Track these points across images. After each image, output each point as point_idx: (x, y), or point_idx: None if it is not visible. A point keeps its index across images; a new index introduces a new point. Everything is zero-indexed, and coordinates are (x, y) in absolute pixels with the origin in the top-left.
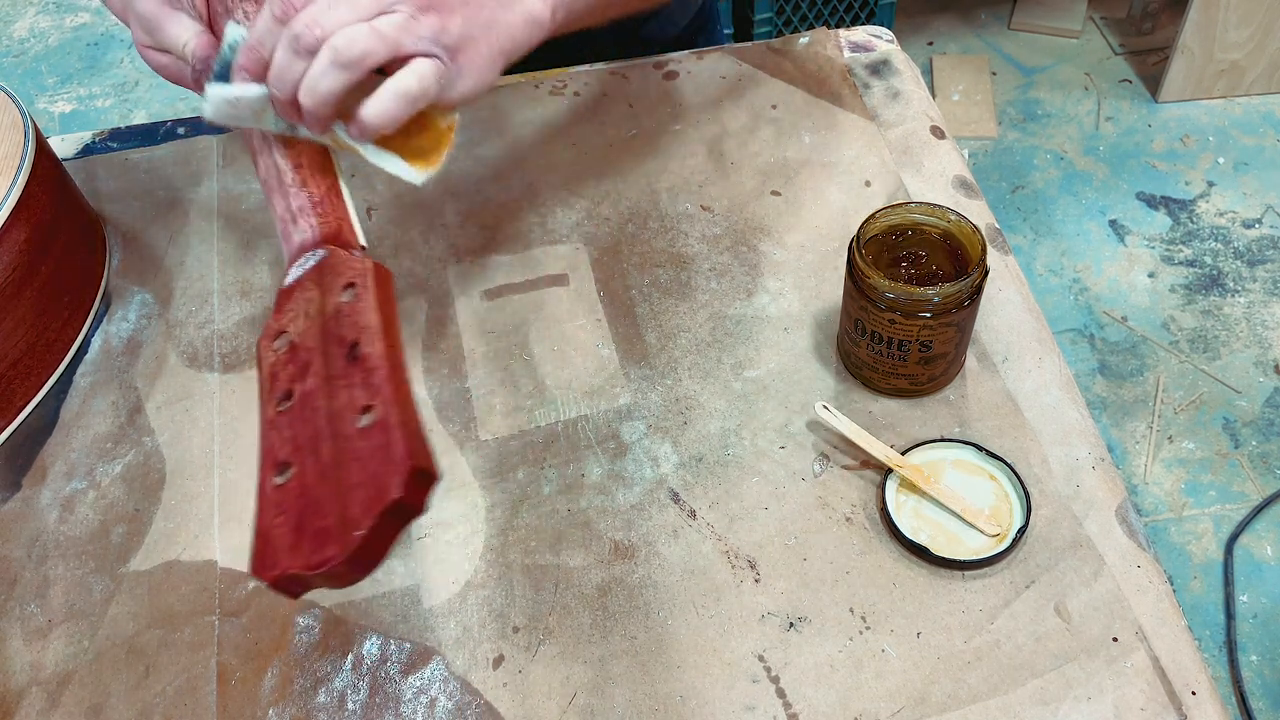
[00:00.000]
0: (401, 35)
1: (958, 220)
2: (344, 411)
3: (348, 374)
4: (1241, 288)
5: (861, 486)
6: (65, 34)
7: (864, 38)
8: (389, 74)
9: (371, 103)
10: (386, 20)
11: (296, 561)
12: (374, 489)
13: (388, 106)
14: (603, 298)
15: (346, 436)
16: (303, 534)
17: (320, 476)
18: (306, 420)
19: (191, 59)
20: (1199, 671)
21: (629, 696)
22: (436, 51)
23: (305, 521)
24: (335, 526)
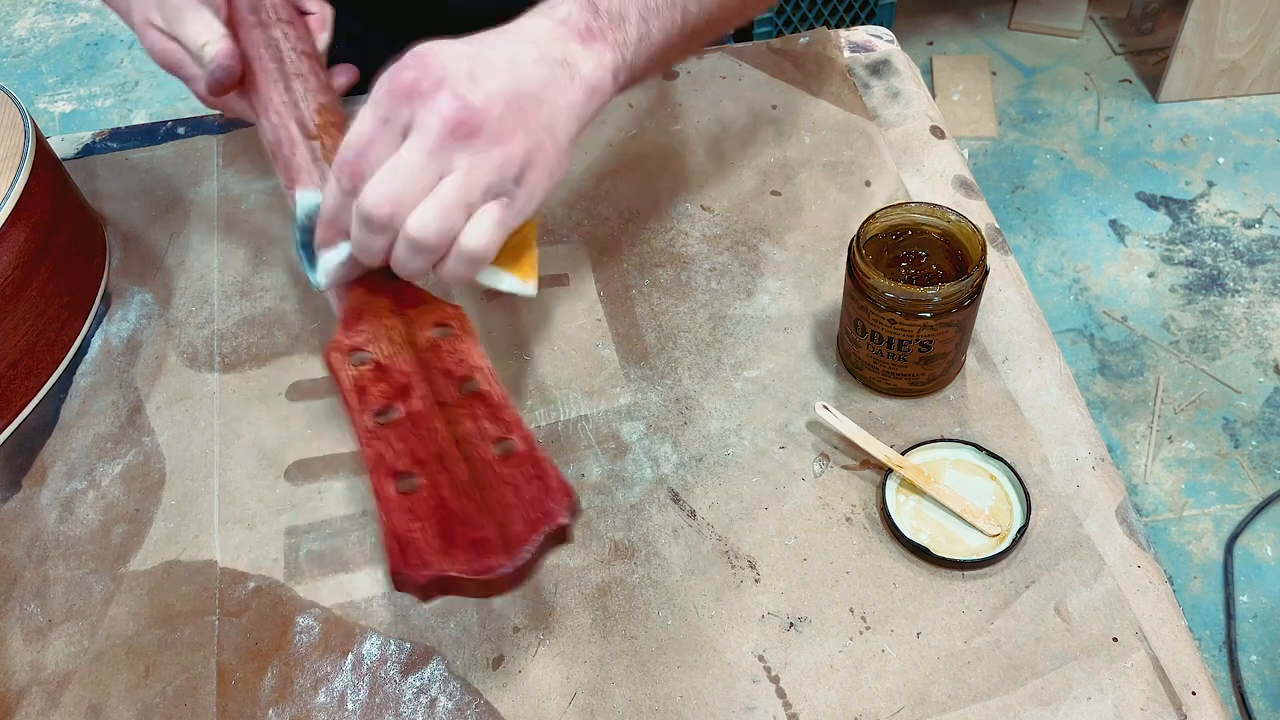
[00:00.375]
0: (469, 195)
1: (958, 220)
2: (474, 438)
3: (468, 405)
4: (1241, 288)
5: (861, 486)
6: (65, 34)
7: (864, 38)
8: None
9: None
10: (450, 185)
11: (456, 566)
12: (538, 512)
13: (461, 271)
14: (603, 298)
15: (485, 461)
16: (453, 543)
17: (458, 492)
18: (424, 438)
19: (209, 64)
20: (1199, 671)
21: (629, 696)
22: (505, 189)
23: (454, 531)
24: (497, 540)
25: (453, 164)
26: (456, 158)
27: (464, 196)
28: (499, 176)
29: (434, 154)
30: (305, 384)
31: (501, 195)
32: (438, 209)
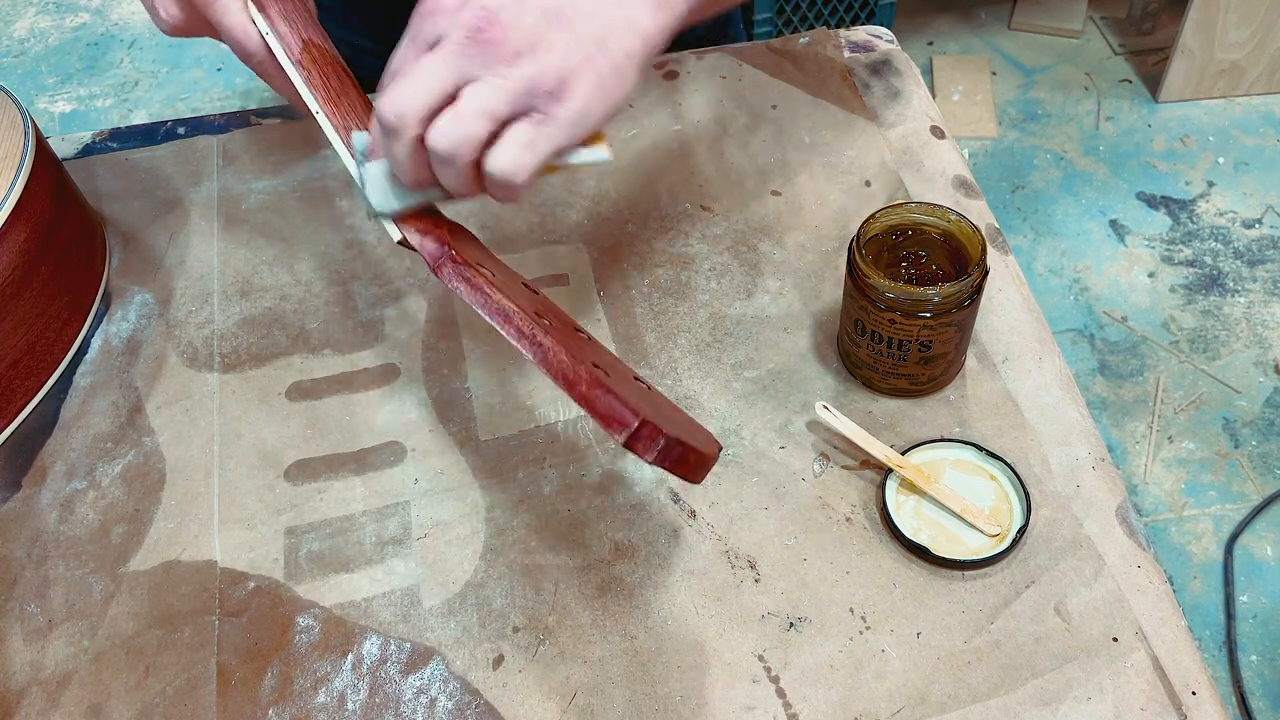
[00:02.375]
0: (489, 105)
1: (958, 220)
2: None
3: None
4: (1241, 288)
5: (861, 486)
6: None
7: (864, 38)
8: None
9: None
10: (467, 93)
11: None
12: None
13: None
14: (603, 298)
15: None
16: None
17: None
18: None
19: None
20: (1199, 671)
21: (629, 696)
22: (533, 105)
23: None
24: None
25: (473, 72)
26: (478, 67)
27: (484, 105)
28: (528, 89)
29: (452, 62)
30: (305, 384)
31: (534, 112)
32: (452, 116)
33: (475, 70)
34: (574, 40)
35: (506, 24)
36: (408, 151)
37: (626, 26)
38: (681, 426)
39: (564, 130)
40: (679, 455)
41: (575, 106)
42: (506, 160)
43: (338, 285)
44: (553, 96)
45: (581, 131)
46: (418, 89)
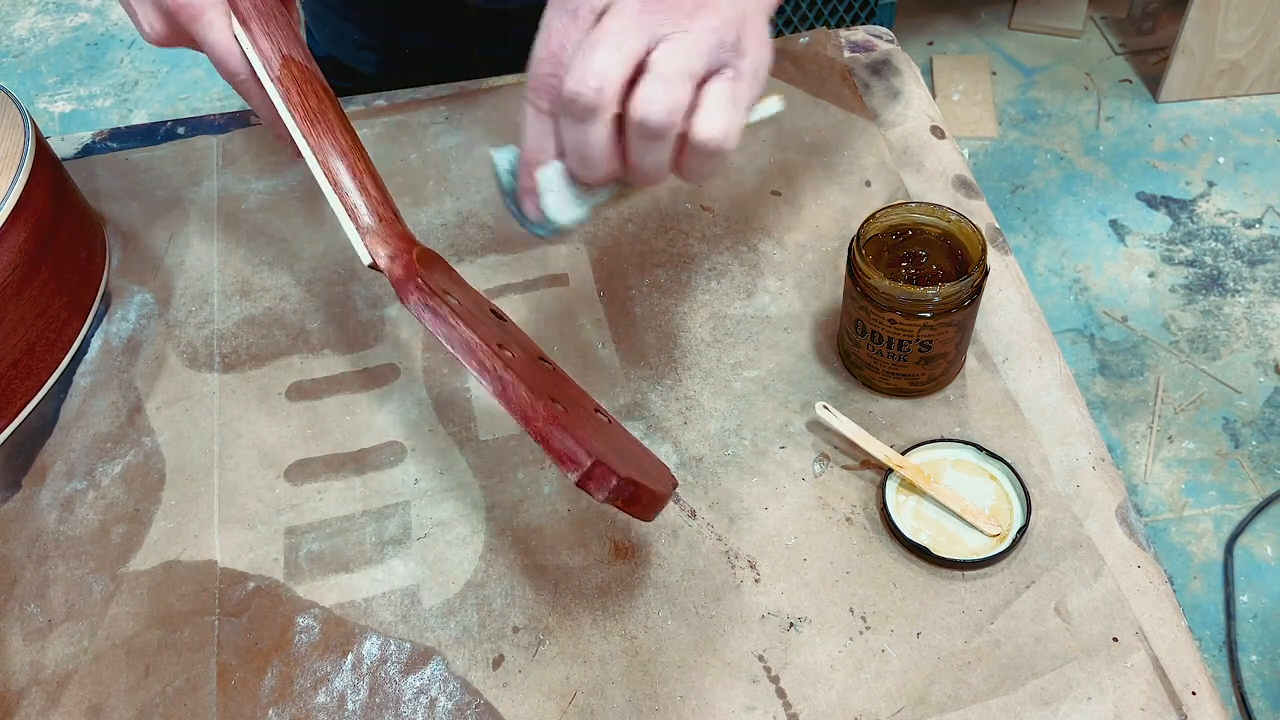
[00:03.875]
0: (691, 63)
1: (958, 220)
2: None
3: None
4: (1242, 288)
5: (861, 486)
6: (65, 34)
7: (864, 38)
8: None
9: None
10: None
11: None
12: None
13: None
14: (603, 298)
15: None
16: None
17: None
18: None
19: None
20: (1199, 671)
21: (629, 696)
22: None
23: (623, 455)
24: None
25: (661, 32)
26: (664, 24)
27: (685, 64)
28: (718, 42)
29: (638, 23)
30: (305, 384)
31: (726, 68)
32: (659, 82)
33: (663, 29)
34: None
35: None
36: (606, 134)
37: None
38: (637, 464)
39: (755, 83)
40: (630, 494)
41: (753, 57)
42: (719, 123)
43: (338, 285)
44: (737, 50)
45: (762, 83)
46: (610, 58)
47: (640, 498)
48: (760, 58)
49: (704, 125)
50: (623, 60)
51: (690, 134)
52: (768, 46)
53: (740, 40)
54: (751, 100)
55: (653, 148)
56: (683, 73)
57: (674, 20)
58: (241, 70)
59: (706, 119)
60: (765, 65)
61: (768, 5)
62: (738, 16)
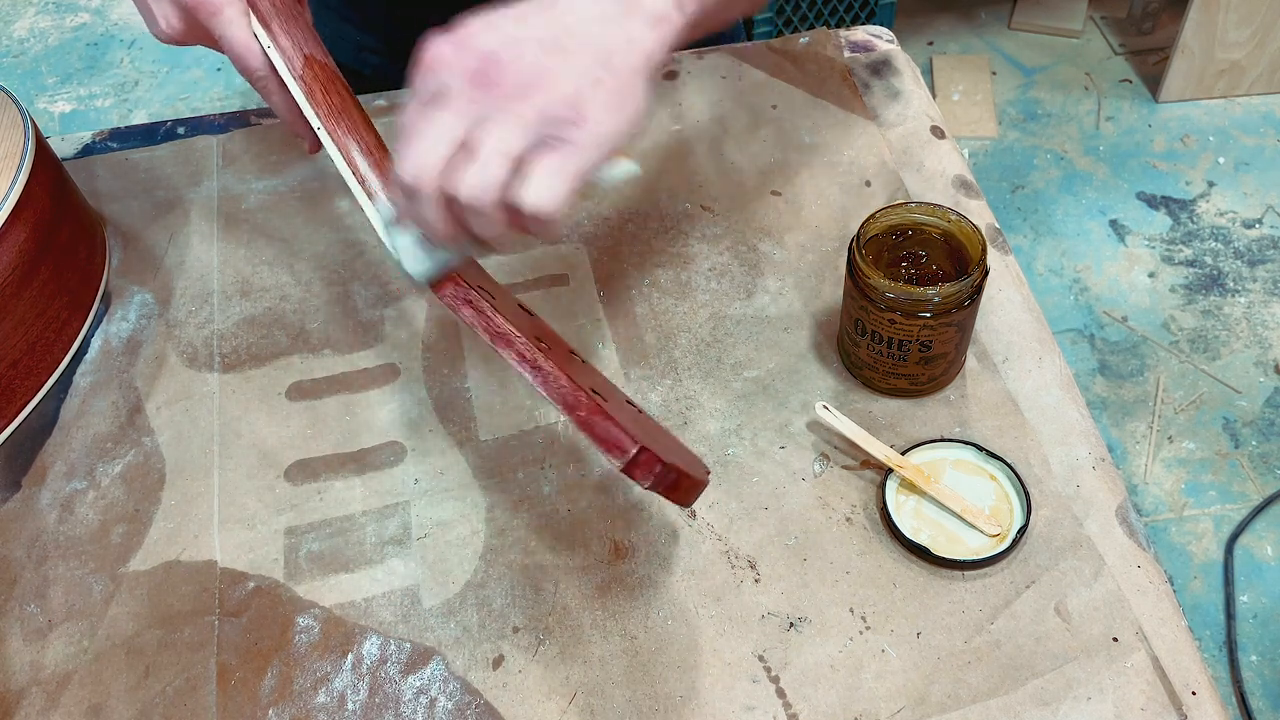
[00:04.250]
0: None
1: (958, 220)
2: (611, 391)
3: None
4: (1242, 288)
5: (861, 486)
6: (65, 34)
7: (864, 38)
8: None
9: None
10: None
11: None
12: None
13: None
14: (603, 298)
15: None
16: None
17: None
18: (580, 374)
19: None
20: (1199, 671)
21: (629, 696)
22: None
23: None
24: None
25: (483, 114)
26: (488, 110)
27: (500, 145)
28: (542, 120)
29: (461, 110)
30: (305, 384)
31: (554, 141)
32: (476, 164)
33: (486, 114)
34: (577, 66)
35: (507, 62)
36: (434, 209)
37: (628, 45)
38: (675, 452)
39: (587, 153)
40: (673, 481)
41: (593, 128)
42: (537, 193)
43: (338, 285)
44: (569, 122)
45: (604, 152)
46: (430, 144)
47: (681, 484)
48: (607, 125)
49: (526, 195)
50: (439, 147)
51: (519, 202)
52: (623, 111)
53: (577, 112)
54: (586, 166)
55: (477, 219)
56: (498, 151)
57: (499, 104)
58: (261, 67)
59: (528, 189)
60: (615, 131)
61: (645, 58)
62: (579, 90)
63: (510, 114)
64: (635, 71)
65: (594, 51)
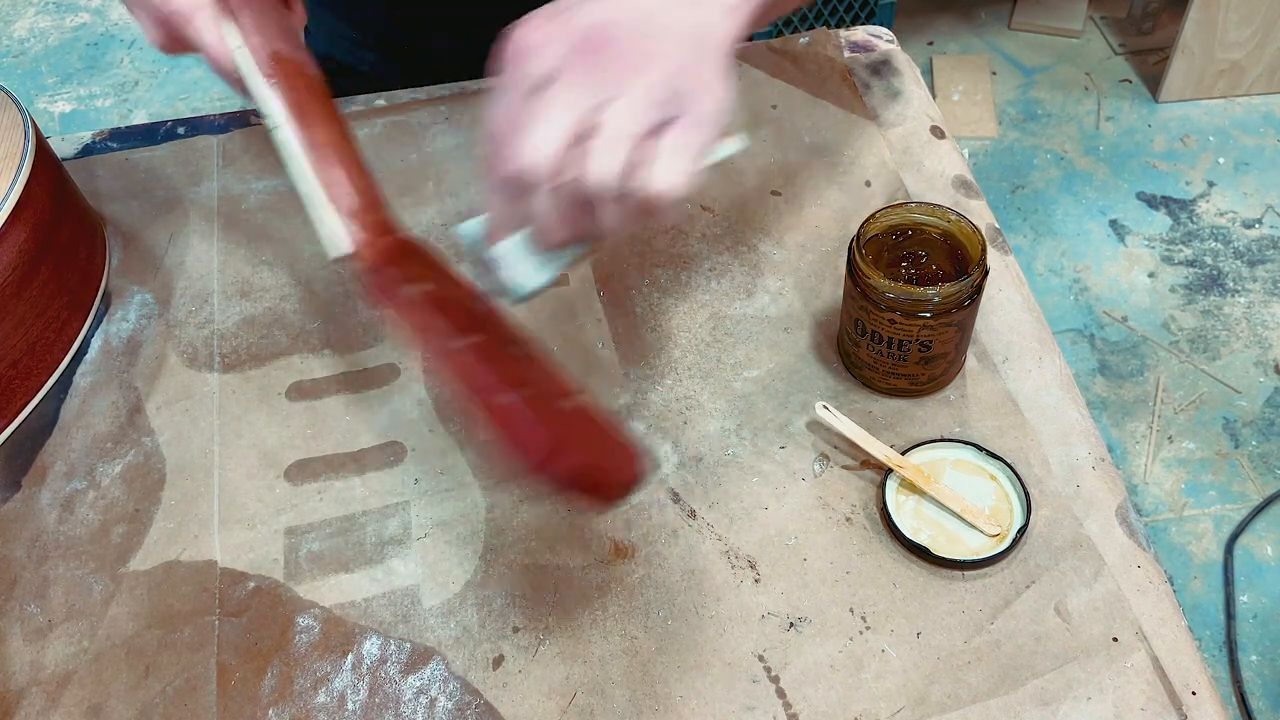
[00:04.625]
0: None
1: (958, 220)
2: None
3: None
4: (1242, 288)
5: (861, 486)
6: (65, 34)
7: (864, 38)
8: None
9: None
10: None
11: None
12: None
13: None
14: (603, 298)
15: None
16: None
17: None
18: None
19: None
20: (1199, 671)
21: (629, 696)
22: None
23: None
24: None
25: (603, 94)
26: (605, 87)
27: (629, 126)
28: (666, 94)
29: (574, 87)
30: (305, 384)
31: (680, 117)
32: (606, 146)
33: (605, 92)
34: (680, 42)
35: (611, 40)
36: (556, 204)
37: (712, 28)
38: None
39: (710, 126)
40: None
41: (712, 100)
42: (671, 174)
43: (338, 285)
44: (690, 95)
45: (720, 126)
46: (551, 131)
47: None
48: (718, 98)
49: (658, 178)
50: (559, 132)
51: (644, 188)
52: (727, 84)
53: (689, 86)
54: (709, 142)
55: (612, 207)
56: (627, 134)
57: (615, 80)
58: (235, 70)
59: (661, 172)
60: (725, 104)
61: (726, 42)
62: (689, 62)
63: (631, 91)
64: (725, 52)
65: (684, 32)
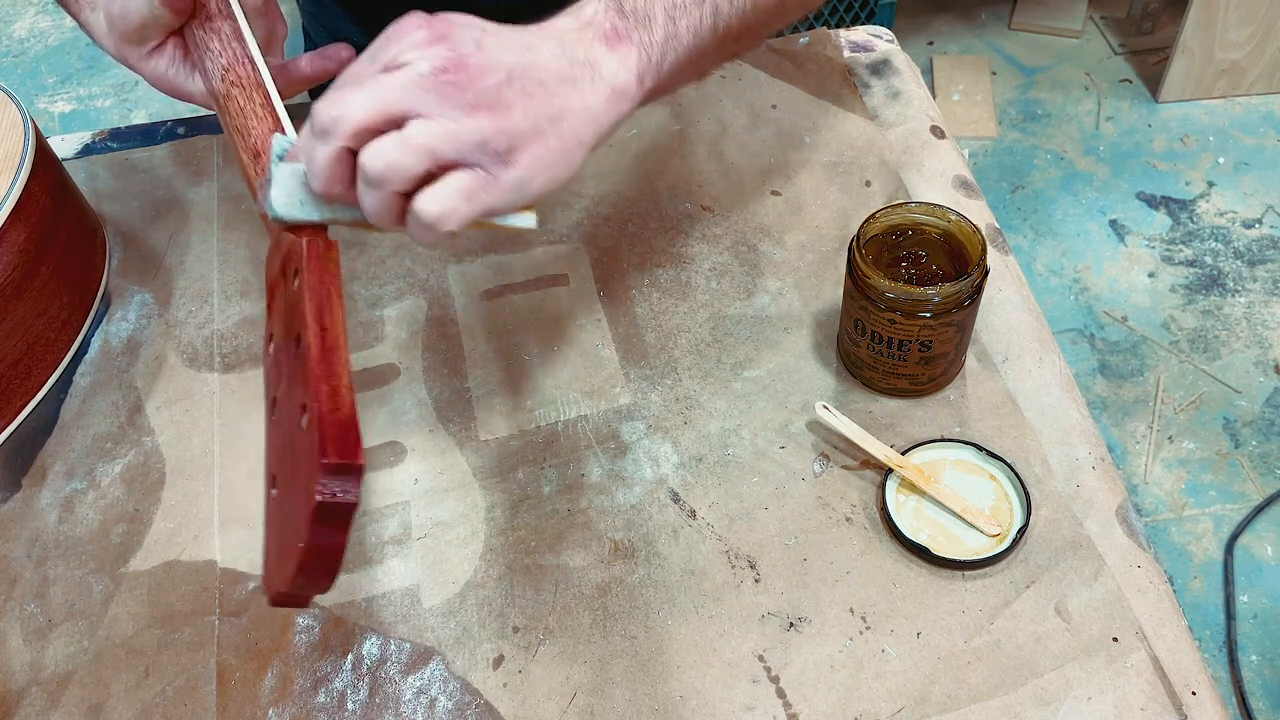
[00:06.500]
0: (435, 142)
1: (958, 220)
2: (295, 414)
3: (296, 373)
4: (1241, 288)
5: (861, 486)
6: (65, 34)
7: (864, 38)
8: None
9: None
10: (417, 125)
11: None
12: (306, 496)
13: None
14: (603, 298)
15: (298, 440)
16: (282, 550)
17: (288, 486)
18: (280, 428)
19: None
20: (1199, 671)
21: (629, 696)
22: (479, 160)
23: (283, 536)
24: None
25: (429, 109)
26: (434, 105)
27: (429, 142)
28: (478, 143)
29: (410, 89)
30: None
31: (477, 168)
32: (394, 141)
33: (431, 107)
34: (532, 111)
35: (474, 73)
36: (331, 157)
37: (583, 112)
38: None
39: (503, 194)
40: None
41: (518, 174)
42: (440, 205)
43: None
44: (500, 158)
45: (518, 200)
46: (366, 100)
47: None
48: (534, 178)
49: (427, 201)
50: (375, 108)
51: (412, 201)
52: (553, 172)
53: (511, 152)
54: (496, 206)
55: (369, 192)
56: (424, 148)
57: (447, 105)
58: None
59: (432, 198)
60: (537, 188)
61: (597, 125)
62: (520, 133)
63: (454, 120)
64: (580, 141)
65: (552, 104)
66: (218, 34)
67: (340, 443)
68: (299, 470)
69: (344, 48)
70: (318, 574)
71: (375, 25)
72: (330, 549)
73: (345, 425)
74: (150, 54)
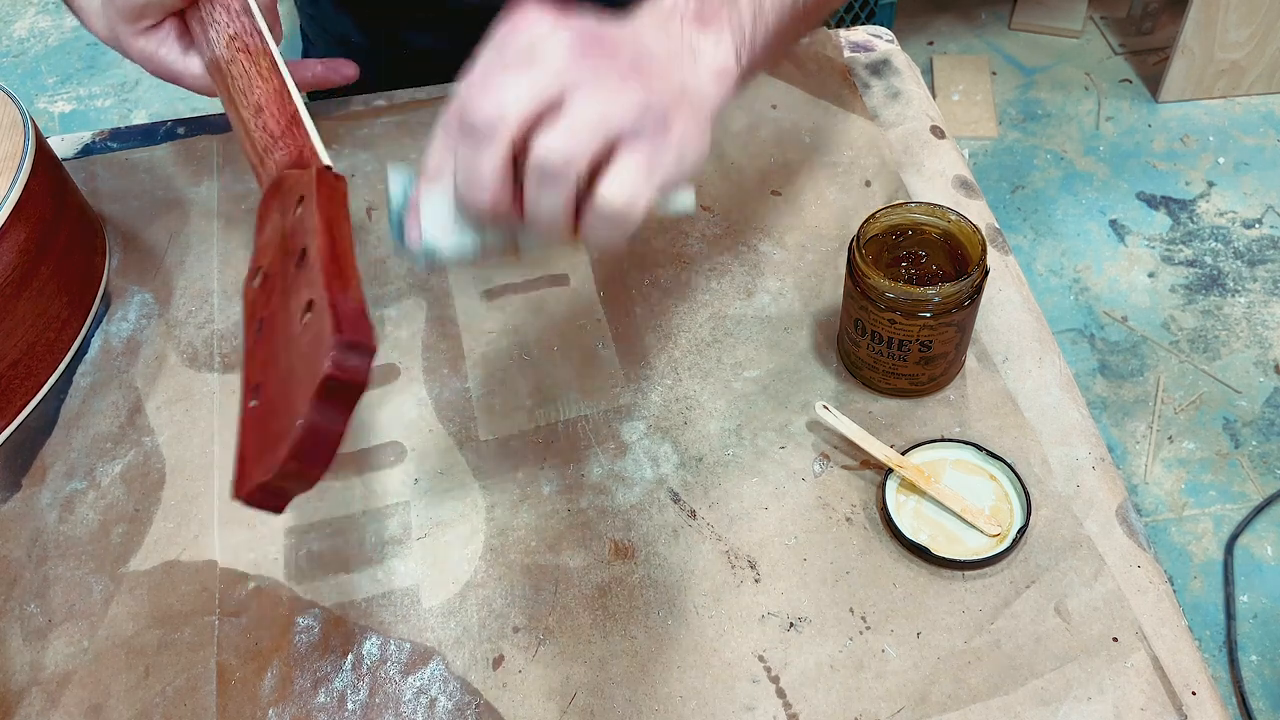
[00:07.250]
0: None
1: (958, 220)
2: (293, 317)
3: (296, 282)
4: (1241, 288)
5: (861, 486)
6: (65, 34)
7: (864, 38)
8: None
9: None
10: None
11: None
12: (310, 374)
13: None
14: (603, 298)
15: (294, 339)
16: (264, 444)
17: (281, 383)
18: (270, 340)
19: None
20: (1199, 671)
21: (629, 696)
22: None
23: (267, 431)
24: (286, 426)
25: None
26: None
27: (598, 116)
28: (642, 109)
29: (563, 70)
30: None
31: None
32: (563, 128)
33: (588, 81)
34: (668, 82)
35: (610, 46)
36: (500, 163)
37: (698, 90)
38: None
39: (672, 165)
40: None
41: (678, 144)
42: (626, 188)
43: None
44: (661, 126)
45: (685, 171)
46: (523, 89)
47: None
48: (689, 145)
49: (612, 187)
50: (531, 96)
51: (594, 194)
52: (701, 141)
53: (668, 117)
54: (667, 182)
55: (546, 192)
56: (596, 124)
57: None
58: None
59: (613, 182)
60: (693, 156)
61: (712, 104)
62: (672, 95)
63: (615, 90)
64: (708, 115)
65: (674, 78)
66: (227, 9)
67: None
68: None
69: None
70: (311, 459)
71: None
72: (329, 432)
73: (358, 311)
74: (143, 32)
